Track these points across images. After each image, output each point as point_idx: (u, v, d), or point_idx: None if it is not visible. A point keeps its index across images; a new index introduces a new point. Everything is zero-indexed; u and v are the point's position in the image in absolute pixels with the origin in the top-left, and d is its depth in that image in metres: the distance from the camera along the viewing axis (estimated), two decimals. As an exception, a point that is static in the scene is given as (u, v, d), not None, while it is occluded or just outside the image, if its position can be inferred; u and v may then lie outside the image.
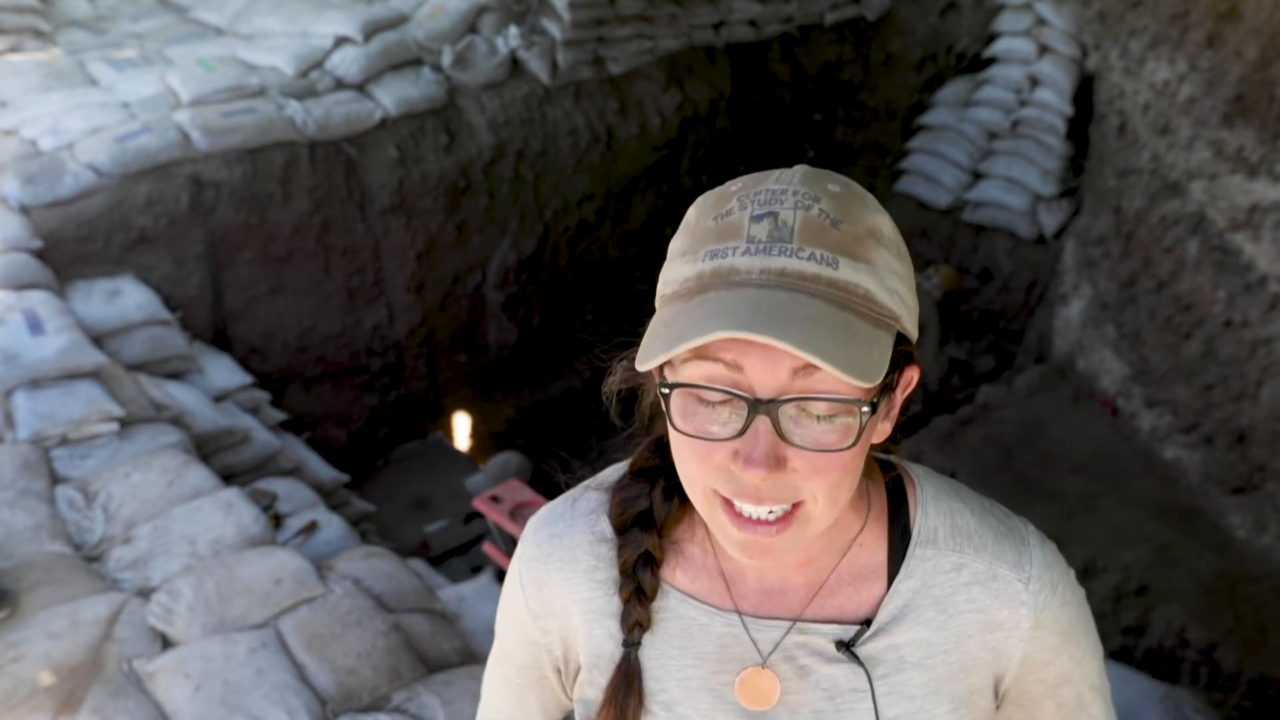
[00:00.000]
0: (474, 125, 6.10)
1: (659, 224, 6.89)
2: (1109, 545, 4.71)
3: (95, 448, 3.93)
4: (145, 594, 3.26)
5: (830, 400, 0.84)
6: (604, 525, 1.05)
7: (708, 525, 0.97)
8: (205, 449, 4.24)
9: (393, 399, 6.14)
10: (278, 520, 3.98)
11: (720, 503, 0.89)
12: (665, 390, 0.87)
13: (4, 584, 3.18)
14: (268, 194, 5.42)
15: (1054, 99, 6.72)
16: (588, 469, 1.12)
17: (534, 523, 1.09)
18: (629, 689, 1.01)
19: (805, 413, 0.84)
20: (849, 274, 0.84)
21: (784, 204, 0.86)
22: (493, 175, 6.17)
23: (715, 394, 0.85)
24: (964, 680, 1.00)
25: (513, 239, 6.35)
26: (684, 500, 1.00)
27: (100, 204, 5.02)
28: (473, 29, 6.32)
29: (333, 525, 3.99)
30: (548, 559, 1.06)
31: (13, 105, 5.52)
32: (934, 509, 1.01)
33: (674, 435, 0.89)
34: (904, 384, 0.94)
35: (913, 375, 0.94)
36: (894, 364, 0.89)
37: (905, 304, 0.89)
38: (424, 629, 3.25)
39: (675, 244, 0.91)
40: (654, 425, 1.04)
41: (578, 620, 1.05)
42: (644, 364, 0.85)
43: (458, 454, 6.17)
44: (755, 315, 0.80)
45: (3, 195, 4.94)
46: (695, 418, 0.87)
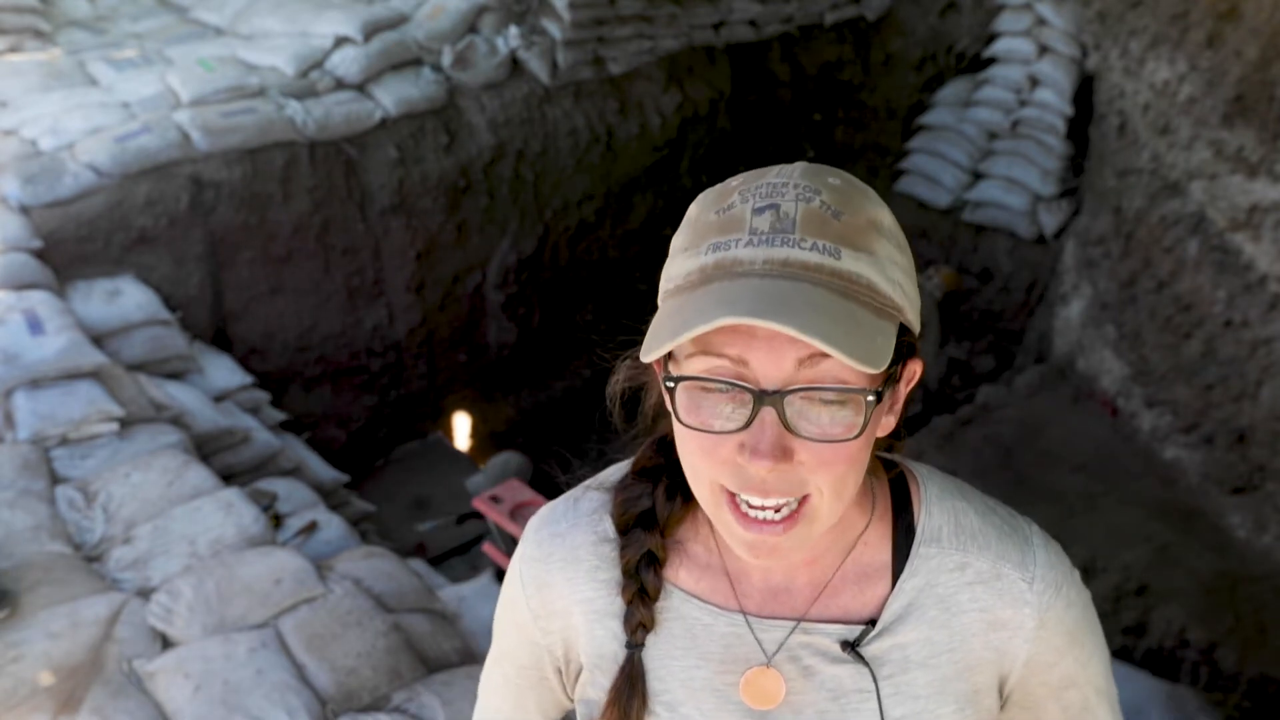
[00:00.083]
0: (474, 125, 6.10)
1: (659, 224, 6.89)
2: (1109, 545, 4.71)
3: (95, 448, 3.93)
4: (145, 594, 3.26)
5: (836, 390, 0.84)
6: (606, 525, 1.04)
7: (714, 524, 0.97)
8: (205, 449, 4.24)
9: (393, 399, 6.14)
10: (278, 520, 3.98)
11: (727, 501, 0.89)
12: (670, 384, 0.87)
13: (4, 584, 3.18)
14: (268, 194, 5.42)
15: (1054, 99, 6.72)
16: (588, 469, 1.12)
17: (535, 522, 1.09)
18: (633, 690, 1.01)
19: (811, 403, 0.84)
20: (851, 264, 0.84)
21: (785, 196, 0.86)
22: (493, 175, 6.17)
23: (720, 387, 0.85)
24: (968, 680, 0.99)
25: (513, 239, 6.35)
26: (687, 499, 1.00)
27: (100, 204, 5.01)
28: (473, 29, 6.33)
29: (333, 525, 3.99)
30: (549, 559, 1.05)
31: (13, 105, 5.52)
32: (938, 508, 1.01)
33: (680, 430, 0.89)
34: (908, 377, 0.94)
35: (916, 368, 0.94)
36: (898, 355, 0.89)
37: (907, 295, 0.89)
38: (424, 629, 3.25)
39: (677, 240, 0.91)
40: (657, 425, 1.04)
41: (580, 621, 1.04)
42: (649, 355, 0.85)
43: (458, 454, 6.17)
44: (759, 302, 0.80)
45: (3, 195, 4.94)
46: (701, 411, 0.87)
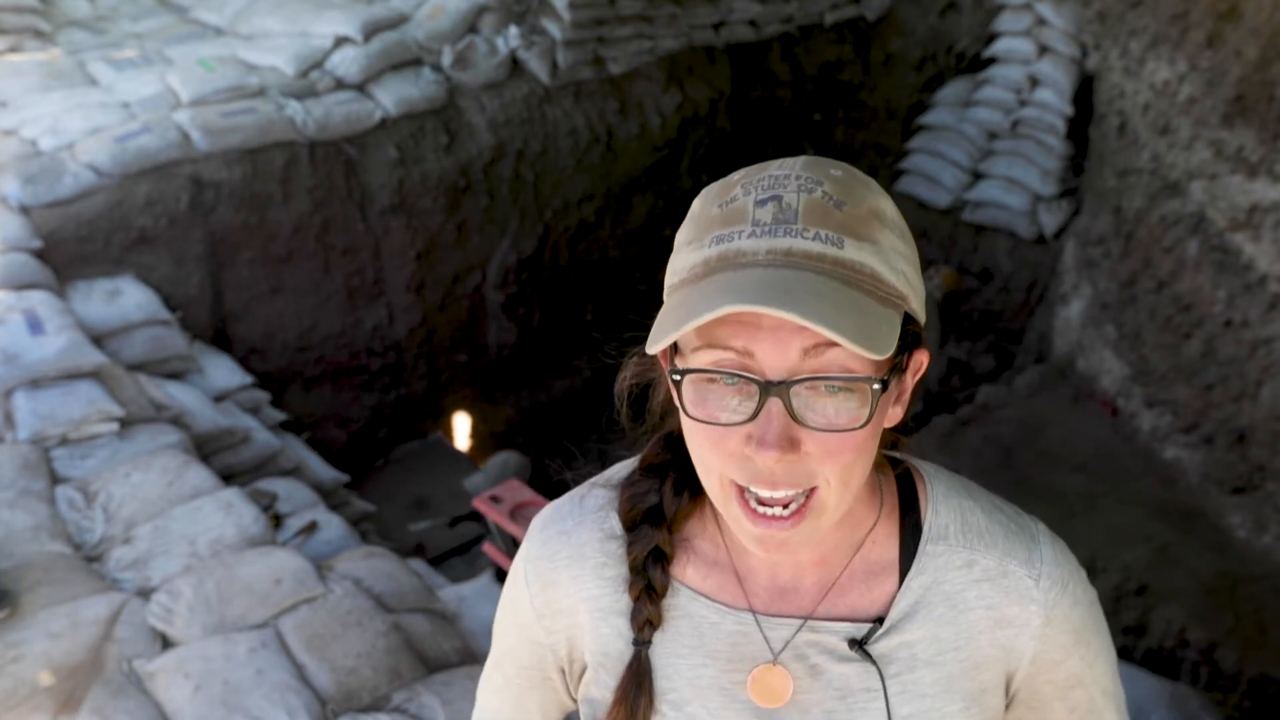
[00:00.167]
0: (474, 125, 6.10)
1: (659, 224, 6.89)
2: (1109, 545, 4.71)
3: (95, 448, 3.93)
4: (145, 594, 3.26)
5: (841, 378, 0.84)
6: (612, 522, 1.04)
7: (724, 519, 0.97)
8: (205, 449, 4.24)
9: (393, 399, 6.14)
10: (278, 520, 3.98)
11: (736, 496, 0.89)
12: (676, 377, 0.88)
13: (4, 584, 3.18)
14: (268, 194, 5.42)
15: (1054, 99, 6.72)
16: (591, 468, 1.12)
17: (540, 520, 1.09)
18: (639, 688, 1.00)
19: (817, 393, 0.85)
20: (854, 253, 0.85)
21: (787, 188, 0.86)
22: (493, 175, 6.17)
23: (727, 379, 0.85)
24: (975, 678, 0.99)
25: (513, 239, 6.35)
26: (694, 495, 1.00)
27: (100, 204, 5.01)
28: (473, 29, 6.33)
29: (333, 525, 3.99)
30: (555, 556, 1.05)
31: (13, 105, 5.52)
32: (945, 506, 1.01)
33: (688, 424, 0.89)
34: (914, 367, 0.94)
35: (922, 359, 0.94)
36: (904, 345, 0.89)
37: (911, 285, 0.89)
38: (424, 629, 3.25)
39: (681, 234, 0.92)
40: (665, 421, 1.04)
41: (585, 619, 1.04)
42: (654, 346, 0.85)
43: (458, 454, 6.16)
44: (763, 291, 0.81)
45: (3, 195, 4.94)
46: (708, 404, 0.87)
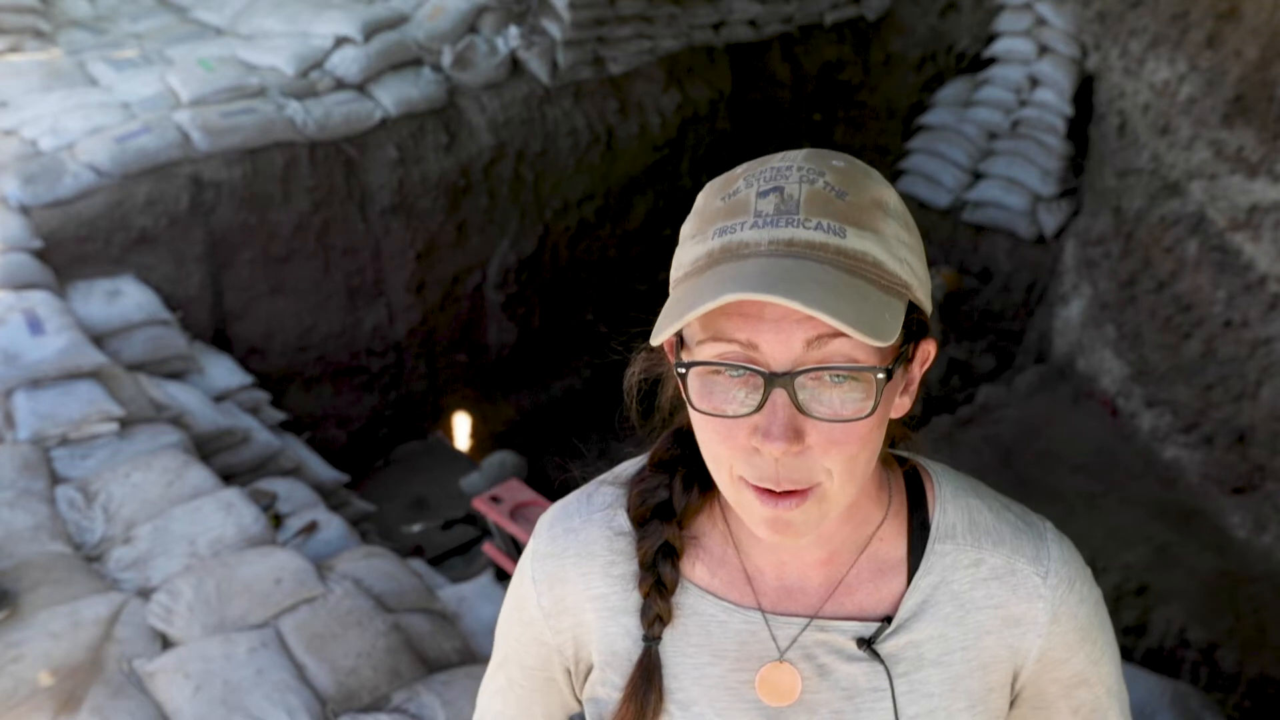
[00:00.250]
0: (474, 125, 6.10)
1: (659, 224, 6.89)
2: (1109, 545, 4.71)
3: (95, 448, 3.93)
4: (145, 594, 3.26)
5: (845, 368, 0.84)
6: (621, 519, 1.04)
7: (733, 517, 0.98)
8: (205, 449, 4.24)
9: (393, 399, 6.14)
10: (278, 520, 3.98)
11: (745, 483, 0.90)
12: (682, 370, 0.88)
13: (4, 584, 3.18)
14: (268, 194, 5.42)
15: (1054, 99, 6.72)
16: (593, 466, 1.11)
17: (547, 519, 1.08)
18: (649, 684, 1.00)
19: (821, 384, 0.85)
20: (856, 242, 0.85)
21: (789, 179, 0.87)
22: (493, 175, 6.17)
23: (732, 371, 0.86)
24: (982, 678, 0.99)
25: (513, 239, 6.35)
26: (704, 490, 1.01)
27: (100, 204, 5.01)
28: (473, 29, 6.33)
29: (333, 525, 3.99)
30: (563, 554, 1.05)
31: (13, 105, 5.52)
32: (953, 505, 1.01)
33: (696, 418, 0.90)
34: (921, 357, 0.94)
35: (930, 349, 0.94)
36: (910, 335, 0.89)
37: (916, 274, 0.89)
38: (424, 629, 3.25)
39: (686, 228, 0.92)
40: (675, 417, 1.04)
41: (592, 618, 1.03)
42: (657, 338, 0.86)
43: (458, 454, 6.16)
44: (764, 279, 0.81)
45: (3, 195, 4.94)
46: (714, 397, 0.87)
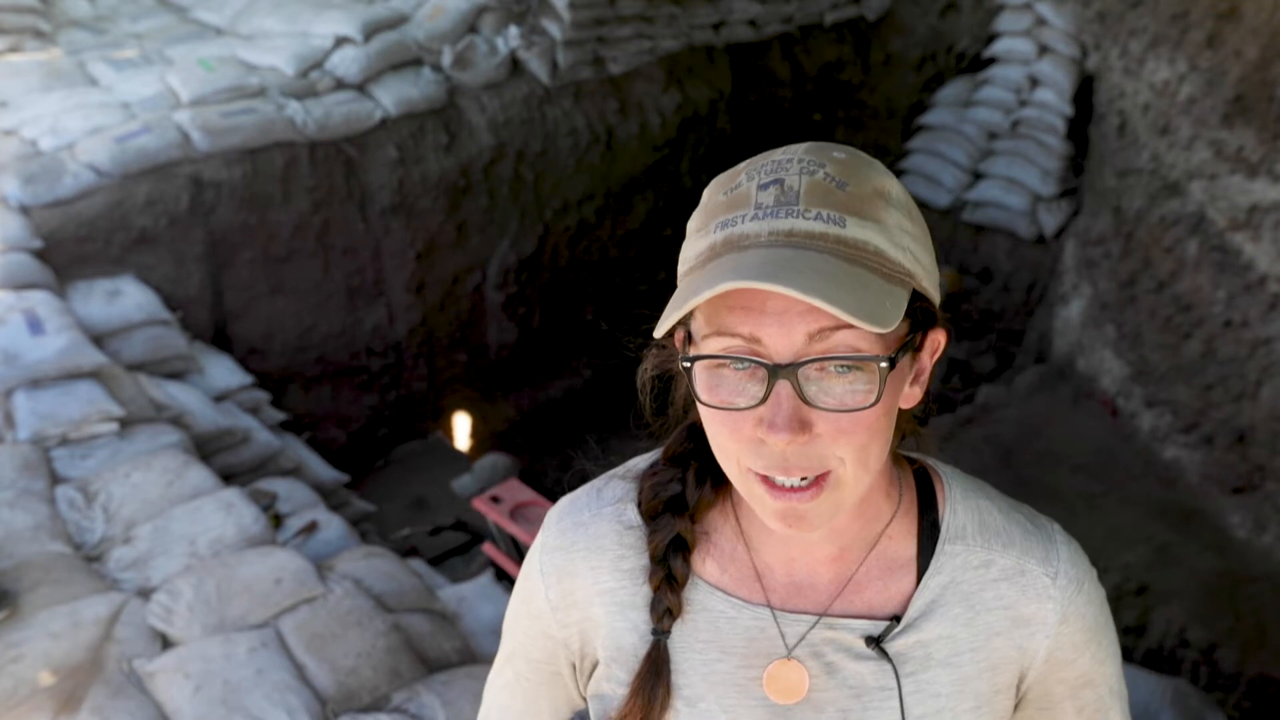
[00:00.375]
0: (474, 125, 6.10)
1: (659, 224, 6.89)
2: (1109, 545, 4.71)
3: (95, 448, 3.93)
4: (145, 594, 3.26)
5: (848, 358, 0.84)
6: (631, 513, 1.04)
7: (744, 513, 0.99)
8: (205, 449, 4.24)
9: (393, 399, 6.14)
10: (278, 520, 3.98)
11: (756, 475, 0.90)
12: (687, 364, 0.88)
13: (4, 584, 3.18)
14: (268, 194, 5.42)
15: (1054, 99, 6.72)
16: (600, 464, 1.11)
17: (556, 512, 1.08)
18: (657, 678, 1.00)
19: (825, 375, 0.85)
20: (857, 231, 0.85)
21: (789, 171, 0.87)
22: (493, 175, 6.17)
23: (736, 364, 0.86)
24: (990, 679, 1.00)
25: (513, 239, 6.35)
26: (716, 485, 1.01)
27: (100, 204, 5.02)
28: (473, 29, 6.33)
29: (333, 525, 3.99)
30: (572, 548, 1.05)
31: (13, 105, 5.52)
32: (963, 506, 1.01)
33: (704, 411, 0.90)
34: (931, 347, 0.94)
35: (939, 338, 0.94)
36: (918, 324, 0.89)
37: (920, 263, 0.89)
38: (424, 629, 3.25)
39: (691, 223, 0.93)
40: (689, 413, 1.04)
41: (600, 613, 1.04)
42: (659, 330, 0.87)
43: (458, 454, 6.16)
44: (763, 269, 0.81)
45: (3, 195, 4.94)
46: (720, 390, 0.88)
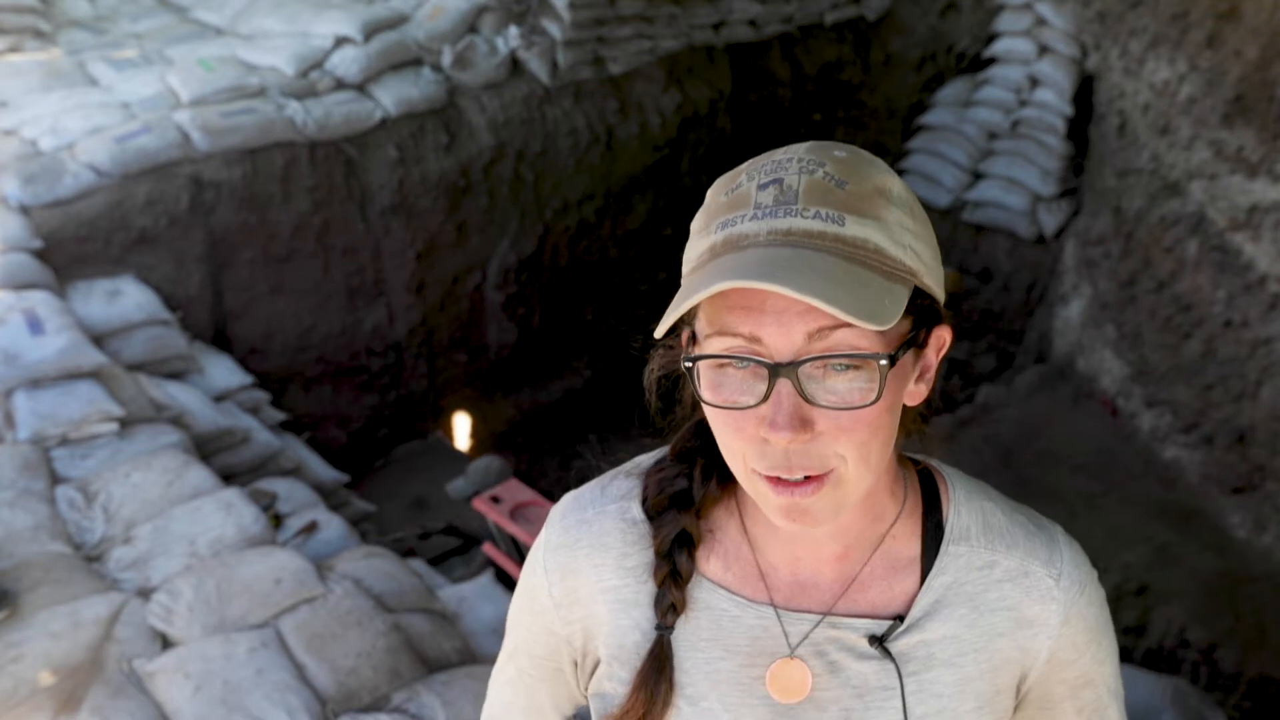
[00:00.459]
0: (474, 125, 6.10)
1: (659, 224, 6.89)
2: (1109, 545, 4.71)
3: (95, 448, 3.93)
4: (145, 594, 3.26)
5: (847, 356, 0.85)
6: (635, 510, 1.04)
7: (749, 511, 0.99)
8: (205, 449, 4.24)
9: (393, 399, 6.14)
10: (278, 520, 3.98)
11: (758, 473, 0.90)
12: (689, 364, 0.89)
13: (4, 584, 3.18)
14: (268, 194, 5.42)
15: (1054, 99, 6.72)
16: (623, 454, 1.11)
17: (560, 509, 1.08)
18: (660, 674, 1.00)
19: (826, 373, 0.85)
20: (856, 229, 0.85)
21: (789, 170, 0.87)
22: (493, 175, 6.17)
23: (738, 363, 0.86)
24: (992, 680, 1.00)
25: (513, 239, 6.35)
26: (722, 482, 1.01)
27: (100, 204, 5.02)
28: (473, 29, 6.33)
29: (333, 525, 3.99)
30: (576, 545, 1.05)
31: (13, 105, 5.52)
32: (966, 507, 1.02)
33: (708, 411, 0.91)
34: (936, 345, 0.94)
35: (945, 335, 0.94)
36: (921, 320, 0.90)
37: (923, 260, 0.89)
38: (424, 629, 3.25)
39: (694, 224, 0.93)
40: (696, 411, 1.04)
41: (603, 610, 1.04)
42: (659, 330, 0.87)
43: (458, 454, 6.16)
44: (761, 268, 0.82)
45: (3, 195, 4.94)
46: (723, 389, 0.88)
